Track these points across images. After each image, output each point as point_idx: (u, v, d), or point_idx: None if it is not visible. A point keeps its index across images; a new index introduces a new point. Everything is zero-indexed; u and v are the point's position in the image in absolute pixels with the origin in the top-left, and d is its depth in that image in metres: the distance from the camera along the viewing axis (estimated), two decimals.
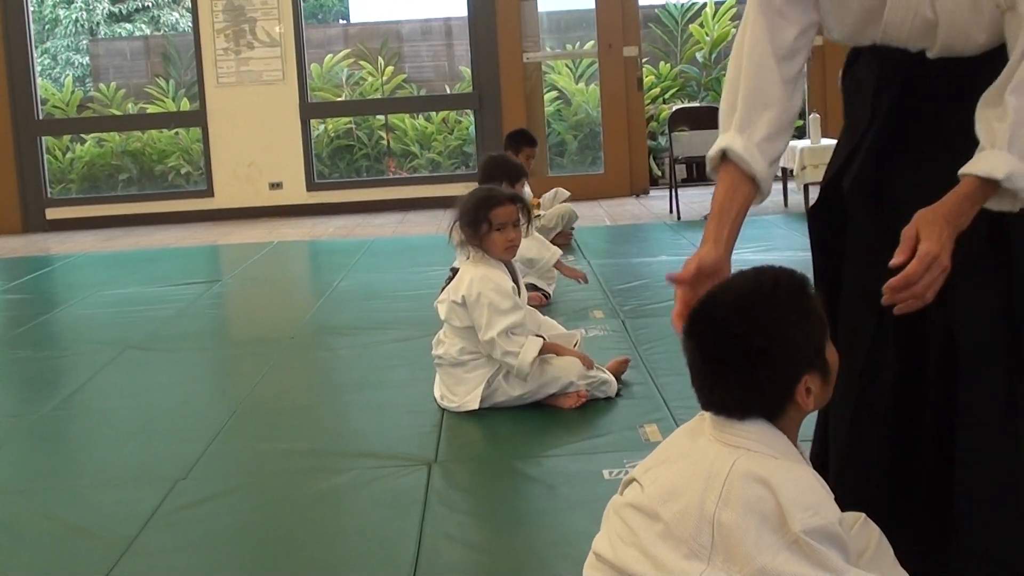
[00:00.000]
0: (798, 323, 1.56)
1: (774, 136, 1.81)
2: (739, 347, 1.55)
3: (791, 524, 1.45)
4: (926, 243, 1.58)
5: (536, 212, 6.46)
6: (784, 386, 1.55)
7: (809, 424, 1.80)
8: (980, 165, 1.59)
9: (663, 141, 9.57)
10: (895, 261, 1.59)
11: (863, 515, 1.73)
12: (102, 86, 11.88)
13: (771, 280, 1.59)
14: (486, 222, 3.32)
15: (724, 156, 1.82)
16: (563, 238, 6.42)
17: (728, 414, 1.58)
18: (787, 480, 1.49)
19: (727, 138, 1.82)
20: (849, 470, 1.89)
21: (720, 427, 1.58)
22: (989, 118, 1.61)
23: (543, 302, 4.75)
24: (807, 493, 1.49)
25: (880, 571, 1.67)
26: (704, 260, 1.76)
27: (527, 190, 6.45)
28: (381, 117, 11.02)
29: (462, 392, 3.31)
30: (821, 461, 1.91)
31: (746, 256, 5.47)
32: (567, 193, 6.73)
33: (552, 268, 4.92)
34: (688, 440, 1.63)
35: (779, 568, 1.44)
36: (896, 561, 1.71)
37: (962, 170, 1.62)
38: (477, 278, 3.28)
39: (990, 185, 1.59)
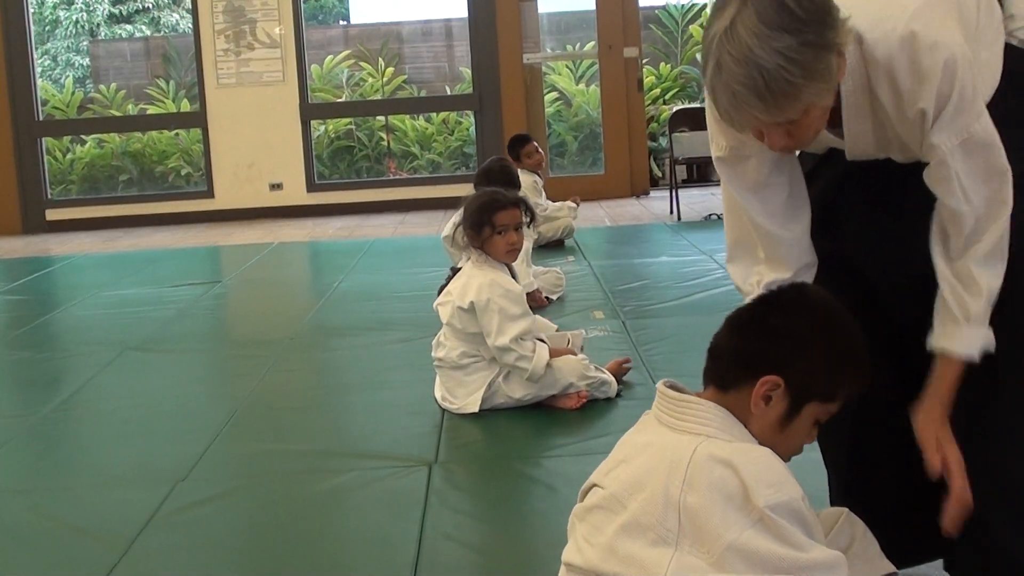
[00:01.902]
0: (814, 351, 1.57)
1: (805, 256, 1.81)
2: (759, 313, 1.62)
3: (755, 500, 1.46)
4: (952, 450, 1.65)
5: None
6: (749, 367, 1.58)
7: None
8: (958, 345, 1.64)
9: (663, 142, 9.57)
10: (936, 470, 1.65)
11: (845, 510, 1.74)
12: (102, 87, 11.88)
13: (827, 305, 1.62)
14: (489, 225, 3.32)
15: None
16: (556, 242, 6.52)
17: (713, 376, 1.62)
18: (748, 460, 1.50)
19: (763, 272, 1.81)
20: (852, 471, 1.89)
21: (679, 414, 1.59)
22: (959, 291, 1.63)
23: (543, 303, 4.75)
24: (768, 471, 1.50)
25: (867, 563, 1.67)
26: None
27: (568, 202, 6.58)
28: (381, 118, 11.02)
29: (462, 395, 3.31)
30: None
31: None
32: (575, 206, 6.77)
33: (560, 277, 4.98)
34: (642, 437, 1.64)
35: (746, 544, 1.45)
36: (882, 554, 1.72)
37: (940, 346, 1.66)
38: (486, 284, 3.28)
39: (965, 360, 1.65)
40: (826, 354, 1.58)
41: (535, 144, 6.76)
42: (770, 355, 1.58)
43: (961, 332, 1.64)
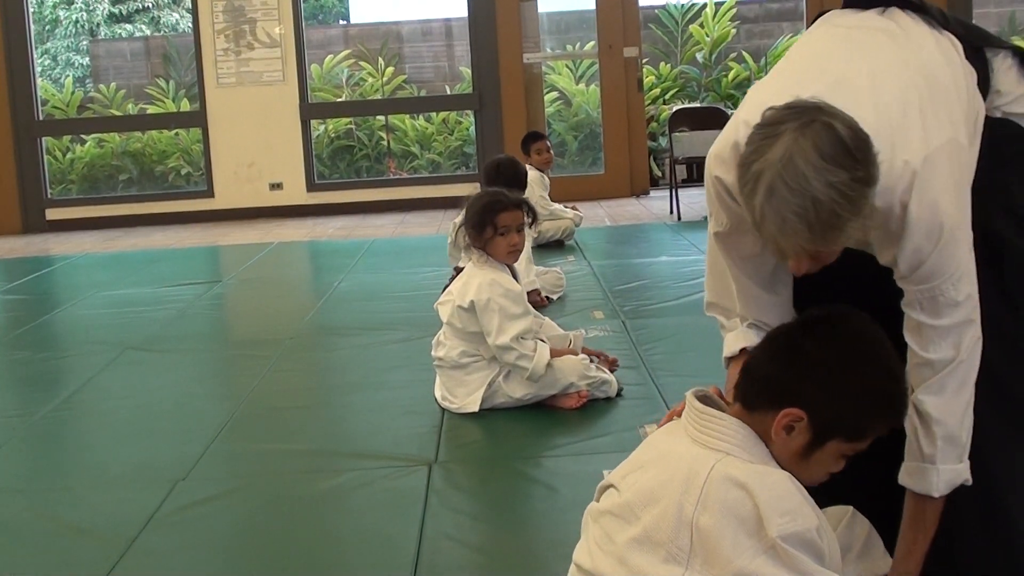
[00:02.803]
0: (843, 388, 1.56)
1: (787, 317, 1.83)
2: (798, 341, 1.60)
3: (768, 529, 1.46)
4: None
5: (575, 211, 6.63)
6: (776, 396, 1.56)
7: None
8: (917, 483, 1.66)
9: (663, 142, 9.57)
10: None
11: (851, 509, 1.74)
12: (102, 87, 11.88)
13: (865, 335, 1.60)
14: (491, 226, 3.33)
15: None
16: (556, 242, 6.53)
17: (742, 392, 1.61)
18: (765, 485, 1.50)
19: (742, 337, 1.83)
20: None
21: (702, 427, 1.58)
22: (919, 430, 1.65)
23: (544, 303, 4.75)
24: (784, 499, 1.49)
25: (871, 563, 1.67)
26: None
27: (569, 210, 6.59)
28: (381, 118, 11.02)
29: (462, 394, 3.31)
30: None
31: None
32: (581, 215, 6.79)
33: (560, 277, 4.99)
34: (665, 443, 1.63)
35: (755, 572, 1.45)
36: (886, 552, 1.72)
37: (903, 482, 1.68)
38: (486, 283, 3.28)
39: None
40: (855, 393, 1.55)
41: (547, 143, 6.80)
42: (796, 387, 1.56)
43: (923, 470, 1.65)
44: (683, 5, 11.17)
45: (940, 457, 1.63)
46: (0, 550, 2.50)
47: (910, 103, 1.60)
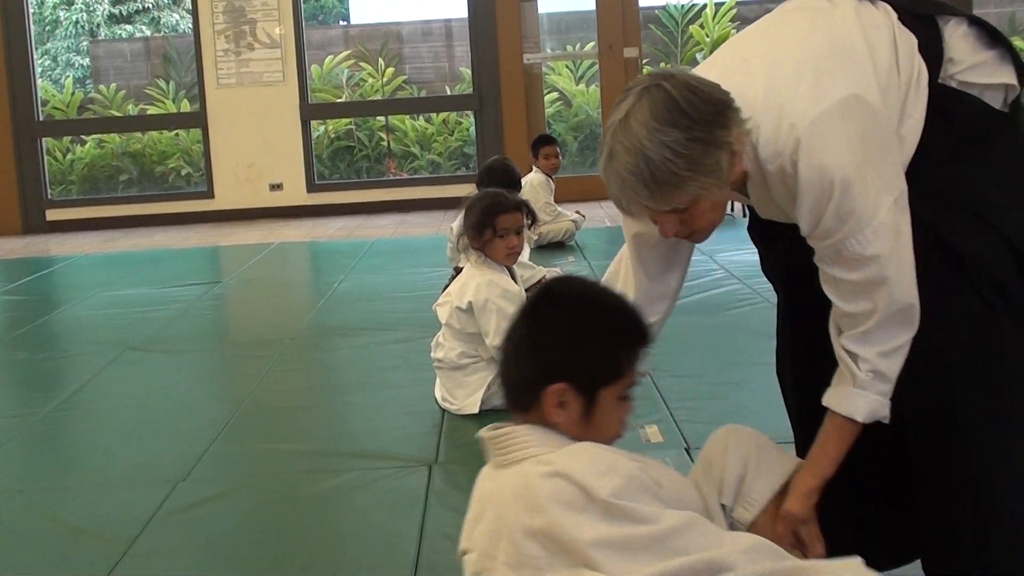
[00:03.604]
0: (579, 345, 1.59)
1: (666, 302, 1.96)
2: (520, 335, 1.64)
3: (597, 494, 1.48)
4: (817, 549, 1.69)
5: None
6: (533, 387, 1.59)
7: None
8: (843, 405, 1.67)
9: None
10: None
11: (732, 437, 1.76)
12: (102, 87, 11.89)
13: (576, 293, 1.65)
14: (490, 227, 3.32)
15: None
16: (556, 243, 6.53)
17: (511, 404, 1.65)
18: (573, 461, 1.52)
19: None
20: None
21: (501, 450, 1.61)
22: (847, 361, 1.67)
23: None
24: (595, 462, 1.52)
25: (770, 468, 1.72)
26: None
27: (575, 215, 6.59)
28: (381, 118, 11.02)
29: (462, 396, 3.31)
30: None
31: (748, 257, 5.47)
32: (582, 218, 6.80)
33: None
34: (485, 487, 1.65)
35: (605, 537, 1.47)
36: (782, 451, 1.76)
37: (826, 402, 1.69)
38: (484, 284, 3.27)
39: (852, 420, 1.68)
40: (590, 343, 1.59)
41: (557, 148, 6.85)
42: (545, 367, 1.59)
43: (849, 393, 1.67)
44: (683, 6, 11.17)
45: (868, 386, 1.65)
46: (0, 550, 2.50)
47: (805, 70, 1.63)
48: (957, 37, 1.75)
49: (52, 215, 9.37)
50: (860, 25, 1.70)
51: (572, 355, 1.58)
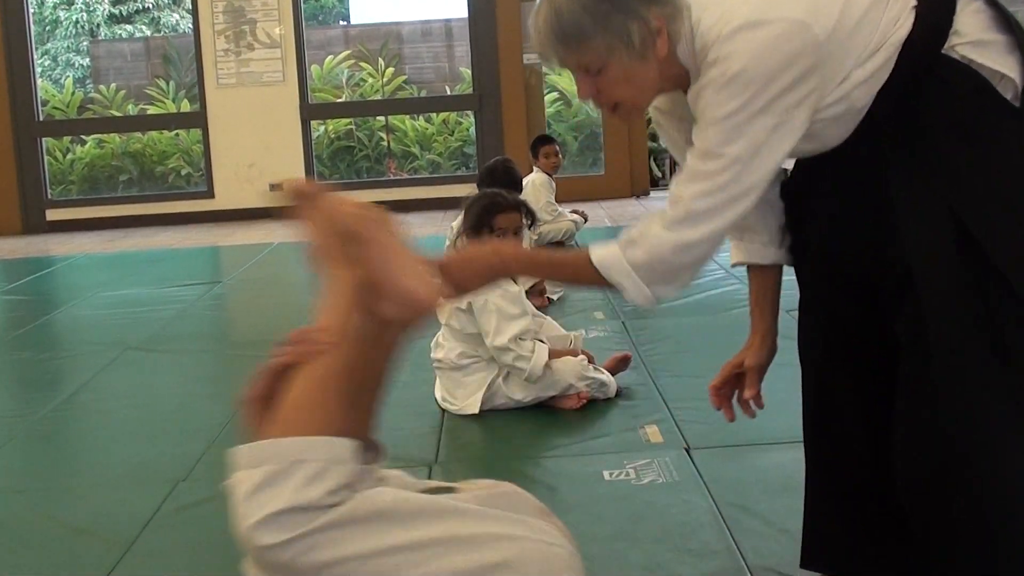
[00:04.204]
0: None
1: (769, 226, 1.98)
2: None
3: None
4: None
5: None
6: None
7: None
8: (597, 249, 1.74)
9: (663, 142, 9.57)
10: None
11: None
12: (102, 87, 11.89)
13: None
14: (488, 227, 3.32)
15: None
16: (557, 243, 6.53)
17: None
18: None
19: (736, 253, 2.05)
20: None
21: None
22: (639, 226, 1.75)
23: (545, 303, 4.75)
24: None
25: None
26: (748, 364, 2.04)
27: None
28: (381, 118, 11.03)
29: (462, 396, 3.31)
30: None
31: None
32: (583, 220, 6.82)
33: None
34: None
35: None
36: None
37: (594, 248, 1.75)
38: None
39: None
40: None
41: (557, 147, 6.84)
42: None
43: (611, 244, 1.74)
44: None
45: (629, 256, 1.73)
46: (0, 550, 2.50)
47: None
48: (969, 12, 1.73)
49: (52, 215, 9.38)
50: None
51: None
